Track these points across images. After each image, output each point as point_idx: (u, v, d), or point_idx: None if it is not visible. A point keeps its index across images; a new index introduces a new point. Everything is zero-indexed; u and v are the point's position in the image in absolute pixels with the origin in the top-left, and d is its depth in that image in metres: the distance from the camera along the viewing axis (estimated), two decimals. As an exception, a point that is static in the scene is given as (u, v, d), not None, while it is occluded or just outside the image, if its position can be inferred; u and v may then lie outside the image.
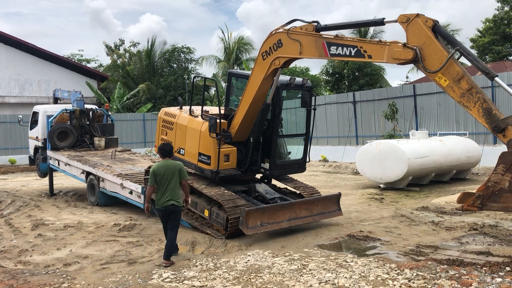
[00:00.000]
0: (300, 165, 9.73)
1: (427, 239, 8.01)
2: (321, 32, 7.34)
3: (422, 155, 13.94)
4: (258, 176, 9.86)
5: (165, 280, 6.25)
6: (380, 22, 6.90)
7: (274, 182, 10.22)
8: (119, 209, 12.08)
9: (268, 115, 8.92)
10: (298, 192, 9.71)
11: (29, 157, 17.30)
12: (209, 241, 8.39)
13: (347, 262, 6.71)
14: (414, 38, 6.30)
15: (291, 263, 6.75)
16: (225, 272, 6.48)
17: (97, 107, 16.87)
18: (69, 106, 15.75)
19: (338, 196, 9.50)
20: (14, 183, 19.46)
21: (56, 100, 17.70)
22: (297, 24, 7.68)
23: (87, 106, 15.96)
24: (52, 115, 15.24)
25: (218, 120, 8.57)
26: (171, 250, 7.12)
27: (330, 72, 31.25)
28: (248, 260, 7.00)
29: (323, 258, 6.97)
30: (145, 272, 6.65)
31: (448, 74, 6.08)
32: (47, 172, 15.47)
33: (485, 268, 5.96)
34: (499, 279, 5.56)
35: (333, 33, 7.28)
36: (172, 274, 6.49)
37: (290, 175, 10.13)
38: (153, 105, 34.59)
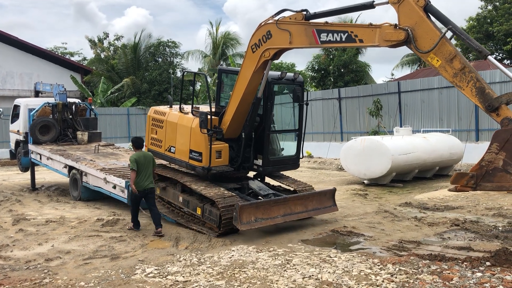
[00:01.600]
0: (294, 162, 9.63)
1: (410, 235, 8.09)
2: (311, 21, 7.26)
3: (405, 151, 14.06)
4: (252, 174, 9.76)
5: (149, 275, 6.21)
6: (370, 5, 6.78)
7: (267, 180, 10.07)
8: (102, 204, 11.95)
9: (260, 110, 8.80)
10: (292, 189, 9.56)
11: (10, 151, 17.03)
12: (193, 236, 8.37)
13: (330, 257, 6.74)
14: (405, 18, 6.23)
15: (275, 258, 6.76)
16: (209, 267, 6.46)
17: (80, 101, 16.65)
18: (51, 100, 15.53)
19: (333, 191, 9.42)
20: (-5, 177, 19.14)
21: (37, 94, 17.42)
22: (287, 14, 7.58)
23: (70, 100, 15.74)
24: (34, 109, 14.99)
25: (208, 116, 8.41)
26: (159, 219, 8.70)
27: (316, 68, 31.31)
28: (232, 255, 6.99)
29: (307, 253, 7.00)
30: (128, 267, 6.60)
31: (440, 54, 6.02)
32: (29, 166, 15.22)
33: (466, 263, 6.03)
34: (479, 274, 5.63)
35: (323, 20, 7.18)
36: (156, 269, 6.45)
37: (282, 172, 10.03)
38: (138, 99, 34.30)
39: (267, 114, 8.79)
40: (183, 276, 6.11)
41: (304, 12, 7.34)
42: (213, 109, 8.91)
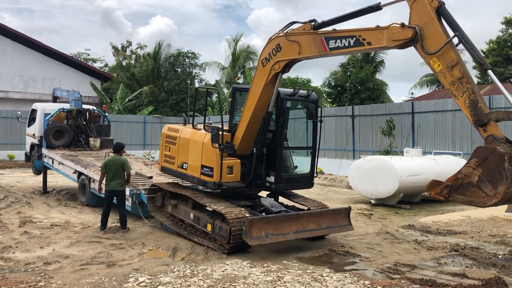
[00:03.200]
0: (308, 180, 9.42)
1: (407, 258, 8.05)
2: (319, 30, 7.30)
3: (414, 173, 13.97)
4: (265, 195, 9.61)
5: (140, 284, 6.32)
6: (377, 7, 6.67)
7: (281, 200, 9.86)
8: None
9: (272, 126, 8.74)
10: (306, 208, 9.25)
11: (25, 153, 17.46)
12: (191, 247, 8.46)
13: (322, 276, 6.77)
14: (416, 16, 6.16)
15: (267, 274, 6.81)
16: (200, 279, 6.55)
17: (94, 108, 17.00)
18: (68, 105, 15.89)
19: (348, 210, 9.14)
20: (10, 178, 19.57)
21: (55, 99, 17.85)
22: (296, 26, 7.65)
23: (84, 106, 16.09)
24: (50, 113, 15.38)
25: (220, 131, 8.34)
26: (125, 221, 9.81)
27: (332, 85, 31.38)
28: (226, 269, 7.06)
29: (300, 271, 7.03)
30: (122, 275, 6.72)
31: (442, 59, 5.97)
32: (42, 169, 15.57)
33: (456, 290, 6.00)
34: (468, 302, 5.60)
35: (331, 29, 7.21)
36: (148, 278, 6.56)
37: (295, 191, 9.87)
38: (155, 108, 34.77)
39: (279, 130, 8.73)
40: (173, 287, 6.20)
41: (313, 23, 7.39)
42: (225, 127, 8.89)
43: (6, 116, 28.28)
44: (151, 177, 12.02)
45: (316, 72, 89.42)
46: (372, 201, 14.43)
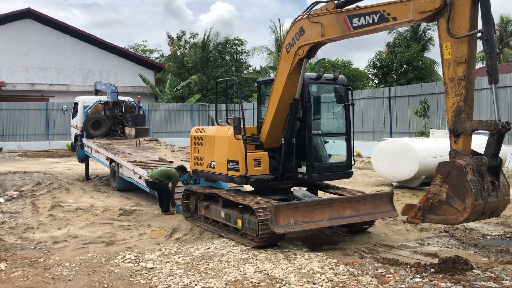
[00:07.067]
0: (345, 169, 8.86)
1: (392, 239, 8.22)
2: (342, 9, 6.89)
3: (436, 154, 13.72)
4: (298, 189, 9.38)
5: (125, 261, 7.00)
6: None
7: (321, 194, 9.54)
8: (135, 195, 13.09)
9: (299, 113, 8.38)
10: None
11: (71, 143, 18.90)
12: (190, 228, 9.09)
13: (295, 255, 7.12)
14: None
15: (245, 253, 7.27)
16: (180, 257, 7.14)
17: (130, 99, 18.06)
18: (105, 98, 17.06)
19: (390, 195, 8.54)
20: (63, 166, 21.25)
21: (97, 92, 19.13)
22: (319, 6, 7.22)
23: (120, 98, 17.18)
24: (89, 106, 16.59)
25: (241, 122, 8.05)
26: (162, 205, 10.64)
27: (378, 65, 30.83)
28: (209, 248, 7.61)
29: (277, 250, 7.42)
30: (113, 253, 7.45)
31: (454, 49, 5.54)
32: (84, 158, 16.87)
33: (412, 268, 6.18)
34: (418, 279, 5.79)
35: (354, 6, 6.76)
36: (135, 256, 7.24)
37: (333, 182, 9.40)
38: (204, 96, 35.83)
39: (306, 116, 8.38)
40: (153, 263, 6.84)
41: (335, 1, 6.97)
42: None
43: (69, 108, 30.33)
44: (171, 162, 12.75)
45: (357, 54, 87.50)
46: (394, 183, 14.40)
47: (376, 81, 32.95)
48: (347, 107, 8.83)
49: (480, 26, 5.52)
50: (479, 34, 5.45)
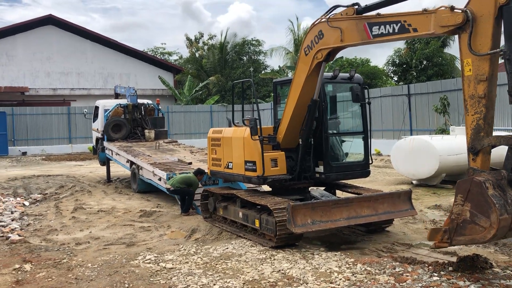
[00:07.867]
0: (363, 168, 8.86)
1: (410, 237, 8.19)
2: (363, 15, 6.84)
3: (456, 152, 13.60)
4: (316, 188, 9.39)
5: (145, 262, 7.13)
6: None
7: (338, 193, 9.55)
8: (155, 196, 13.27)
9: (315, 113, 8.39)
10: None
11: (93, 147, 19.24)
12: (208, 229, 9.19)
13: (313, 254, 7.15)
14: (476, 3, 5.43)
15: (263, 253, 7.33)
16: (199, 257, 7.24)
17: (149, 102, 18.30)
18: (125, 101, 17.33)
19: (408, 193, 8.49)
20: (86, 169, 21.63)
21: (117, 95, 19.45)
22: (339, 11, 7.18)
23: (140, 101, 17.43)
24: (109, 109, 16.88)
25: (258, 123, 8.12)
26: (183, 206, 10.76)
27: (397, 63, 30.58)
28: (227, 248, 7.70)
29: (295, 250, 7.46)
30: (134, 253, 7.59)
31: (476, 67, 5.42)
32: (105, 161, 17.16)
33: (430, 267, 6.16)
34: (436, 278, 5.77)
35: (375, 13, 6.69)
36: (155, 256, 7.36)
37: (351, 182, 9.38)
38: (222, 97, 36.03)
39: (323, 116, 8.44)
40: (172, 264, 6.96)
41: (356, 6, 6.91)
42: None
43: (90, 112, 30.87)
44: (190, 163, 12.90)
45: (376, 51, 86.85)
46: (414, 182, 14.30)
47: (396, 79, 32.72)
48: (363, 106, 8.83)
49: (502, 42, 5.45)
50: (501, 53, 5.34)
